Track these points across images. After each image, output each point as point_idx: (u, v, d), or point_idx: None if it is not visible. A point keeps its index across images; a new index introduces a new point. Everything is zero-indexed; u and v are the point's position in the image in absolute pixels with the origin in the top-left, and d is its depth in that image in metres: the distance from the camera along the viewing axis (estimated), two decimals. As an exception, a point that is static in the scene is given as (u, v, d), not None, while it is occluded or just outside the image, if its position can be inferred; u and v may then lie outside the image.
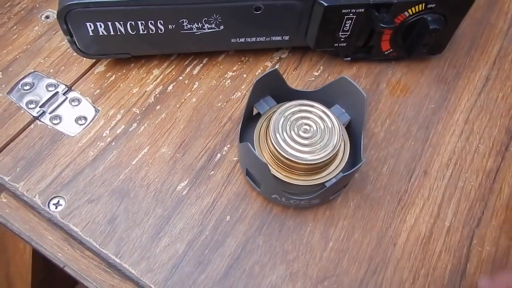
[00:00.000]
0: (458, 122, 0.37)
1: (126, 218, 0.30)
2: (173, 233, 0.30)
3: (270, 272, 0.29)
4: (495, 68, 0.40)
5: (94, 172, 0.32)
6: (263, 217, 0.31)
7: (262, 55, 0.39)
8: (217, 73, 0.38)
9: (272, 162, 0.30)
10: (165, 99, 0.36)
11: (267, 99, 0.33)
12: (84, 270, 0.29)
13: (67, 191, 0.31)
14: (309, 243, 0.30)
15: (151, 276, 0.29)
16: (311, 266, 0.30)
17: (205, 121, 0.35)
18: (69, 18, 0.31)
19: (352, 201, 0.32)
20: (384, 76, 0.39)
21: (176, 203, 0.31)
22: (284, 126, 0.29)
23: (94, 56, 0.35)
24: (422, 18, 0.34)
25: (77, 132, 0.34)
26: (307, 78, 0.38)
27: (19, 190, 0.31)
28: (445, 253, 0.31)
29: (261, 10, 0.33)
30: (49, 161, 0.32)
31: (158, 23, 0.32)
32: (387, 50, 0.37)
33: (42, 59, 0.37)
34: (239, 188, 0.32)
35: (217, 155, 0.33)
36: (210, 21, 0.33)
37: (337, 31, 0.34)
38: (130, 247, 0.29)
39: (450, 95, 0.38)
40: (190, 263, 0.29)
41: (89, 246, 0.29)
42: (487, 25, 0.42)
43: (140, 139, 0.34)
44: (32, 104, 0.35)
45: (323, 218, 0.31)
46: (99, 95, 0.36)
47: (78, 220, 0.30)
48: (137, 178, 0.32)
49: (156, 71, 0.37)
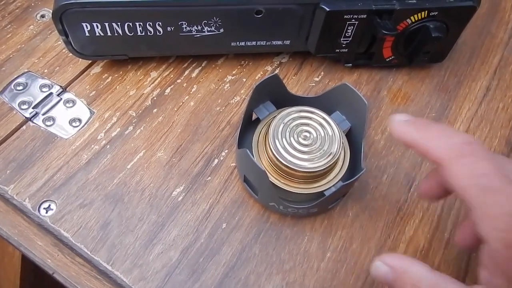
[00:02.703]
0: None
1: (119, 224, 0.30)
2: (167, 240, 0.29)
3: (265, 282, 0.29)
4: (495, 78, 0.40)
5: (87, 175, 0.31)
6: (260, 225, 0.30)
7: (262, 59, 0.38)
8: (216, 76, 0.37)
9: (270, 169, 0.30)
10: (162, 102, 0.35)
11: (267, 105, 0.32)
12: (74, 277, 0.28)
13: (59, 195, 0.30)
14: (306, 252, 0.30)
15: (143, 285, 0.28)
16: (308, 276, 0.29)
17: (203, 125, 0.34)
18: (65, 18, 0.30)
19: (351, 210, 0.32)
20: (385, 84, 0.38)
21: (171, 209, 0.30)
22: (284, 133, 0.29)
23: (90, 57, 0.34)
24: (424, 26, 0.33)
25: (71, 134, 0.33)
26: (307, 83, 0.38)
27: (8, 193, 0.30)
28: (444, 266, 0.30)
29: (262, 14, 0.32)
30: (40, 164, 0.31)
31: (157, 25, 0.32)
32: (388, 57, 0.37)
33: (36, 59, 0.36)
34: (236, 195, 0.31)
35: (215, 160, 0.33)
36: (210, 24, 0.32)
37: (338, 37, 0.34)
38: (122, 254, 0.29)
39: (451, 104, 0.38)
40: (184, 271, 0.28)
41: (80, 252, 0.29)
42: (488, 35, 0.42)
43: (136, 143, 0.33)
44: (25, 105, 0.34)
45: (321, 227, 0.31)
46: (95, 96, 0.35)
47: (70, 225, 0.29)
48: (132, 183, 0.31)
49: (153, 73, 0.37)
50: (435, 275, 0.22)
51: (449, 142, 0.22)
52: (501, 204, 0.20)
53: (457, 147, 0.22)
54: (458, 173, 0.21)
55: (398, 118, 0.25)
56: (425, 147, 0.23)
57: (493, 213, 0.20)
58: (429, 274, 0.22)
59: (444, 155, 0.22)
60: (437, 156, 0.22)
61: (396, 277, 0.23)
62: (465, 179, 0.21)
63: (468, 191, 0.21)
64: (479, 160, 0.21)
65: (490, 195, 0.20)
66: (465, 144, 0.22)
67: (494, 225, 0.20)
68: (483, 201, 0.20)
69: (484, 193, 0.20)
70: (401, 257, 0.24)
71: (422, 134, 0.23)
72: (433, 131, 0.23)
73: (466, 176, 0.21)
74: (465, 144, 0.22)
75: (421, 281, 0.22)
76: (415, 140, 0.24)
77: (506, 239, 0.19)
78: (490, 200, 0.20)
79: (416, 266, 0.23)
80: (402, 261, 0.23)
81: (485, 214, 0.20)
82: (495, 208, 0.20)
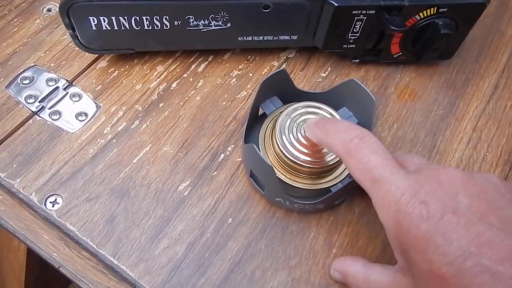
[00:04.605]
0: (466, 130, 0.36)
1: (125, 218, 0.30)
2: (173, 235, 0.29)
3: (271, 278, 0.28)
4: (504, 76, 0.39)
5: (93, 170, 0.31)
6: (266, 221, 0.30)
7: (268, 54, 0.38)
8: (222, 71, 0.37)
9: (277, 164, 0.29)
10: (168, 97, 0.35)
11: (273, 100, 0.32)
12: (80, 271, 0.28)
13: (65, 189, 0.30)
14: (312, 248, 0.30)
15: (149, 279, 0.28)
16: (314, 272, 0.29)
17: (209, 120, 0.34)
18: (72, 12, 0.30)
19: (357, 207, 0.32)
20: (392, 80, 0.38)
21: (177, 203, 0.30)
22: (290, 128, 0.29)
23: (97, 51, 0.34)
24: (433, 22, 0.33)
25: (77, 128, 0.33)
26: (314, 79, 0.37)
27: (15, 187, 0.30)
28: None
29: (269, 9, 0.32)
30: (47, 158, 0.31)
31: (164, 19, 0.32)
32: (396, 53, 0.36)
33: (42, 53, 0.36)
34: (242, 190, 0.31)
35: (221, 155, 0.33)
36: (217, 18, 0.32)
37: (346, 33, 0.34)
38: (128, 248, 0.29)
39: (459, 102, 0.37)
40: (189, 266, 0.28)
41: (86, 246, 0.29)
42: (497, 33, 0.42)
43: (142, 137, 0.33)
44: (31, 99, 0.34)
45: (327, 223, 0.31)
46: (101, 91, 0.35)
47: (76, 219, 0.29)
48: (138, 177, 0.31)
49: (160, 67, 0.37)
50: (366, 268, 0.26)
51: (344, 138, 0.24)
52: (387, 194, 0.21)
53: (350, 142, 0.23)
54: (352, 167, 0.23)
55: (309, 121, 0.26)
56: (328, 145, 0.25)
57: (383, 203, 0.22)
58: (362, 269, 0.26)
59: (342, 150, 0.24)
60: (336, 152, 0.24)
61: (344, 279, 0.27)
62: (358, 172, 0.23)
63: (362, 183, 0.23)
64: (369, 153, 0.23)
65: (379, 186, 0.22)
66: (357, 138, 0.23)
67: (385, 215, 0.22)
68: (375, 192, 0.22)
69: (374, 184, 0.22)
70: (344, 260, 0.28)
71: (324, 133, 0.25)
72: (333, 129, 0.25)
73: (358, 169, 0.23)
74: (357, 138, 0.23)
75: (357, 277, 0.26)
76: (321, 139, 0.25)
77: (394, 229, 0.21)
78: (379, 191, 0.22)
79: (353, 266, 0.26)
80: (343, 263, 0.27)
81: (377, 205, 0.22)
82: (383, 198, 0.22)
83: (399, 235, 0.21)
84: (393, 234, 0.22)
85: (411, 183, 0.21)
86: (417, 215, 0.20)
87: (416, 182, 0.21)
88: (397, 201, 0.21)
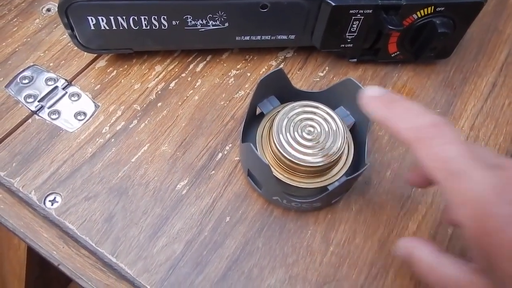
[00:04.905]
0: (463, 128, 0.36)
1: (123, 217, 0.30)
2: (171, 233, 0.29)
3: (269, 275, 0.29)
4: (502, 75, 0.39)
5: (92, 169, 0.31)
6: (264, 219, 0.31)
7: (266, 54, 0.38)
8: (220, 71, 0.37)
9: (274, 164, 0.30)
10: (167, 96, 0.35)
11: (271, 99, 0.32)
12: (79, 269, 0.28)
13: (64, 187, 0.30)
14: (310, 246, 0.30)
15: (147, 277, 0.28)
16: (311, 270, 0.29)
17: (207, 119, 0.34)
18: (71, 12, 0.30)
19: (355, 205, 0.32)
20: (390, 79, 0.38)
21: (175, 202, 0.31)
22: (288, 127, 0.29)
23: (96, 50, 0.35)
24: (430, 21, 0.33)
25: (76, 127, 0.33)
26: (311, 78, 0.37)
27: (14, 186, 0.30)
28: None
29: (267, 8, 0.32)
30: (46, 157, 0.32)
31: (162, 19, 0.32)
32: (394, 52, 0.36)
33: (42, 52, 0.36)
34: (240, 189, 0.31)
35: (219, 154, 0.33)
36: (215, 18, 0.32)
37: (344, 32, 0.34)
38: (126, 246, 0.29)
39: (456, 100, 0.37)
40: (187, 264, 0.29)
41: (85, 244, 0.29)
42: (495, 31, 0.42)
43: (140, 136, 0.33)
44: (31, 98, 0.34)
45: (324, 221, 0.31)
46: (100, 90, 0.35)
47: (75, 218, 0.29)
48: (136, 176, 0.31)
49: (158, 67, 0.37)
50: (435, 256, 0.23)
51: (416, 122, 0.21)
52: (466, 190, 0.19)
53: (424, 129, 0.21)
54: (424, 156, 0.21)
55: (369, 93, 0.23)
56: (393, 126, 0.22)
57: (461, 200, 0.20)
58: (429, 256, 0.23)
59: (411, 136, 0.21)
60: (403, 137, 0.21)
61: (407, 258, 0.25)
62: (431, 163, 0.20)
63: (436, 174, 0.20)
64: (446, 143, 0.20)
65: (456, 181, 0.20)
66: (432, 125, 0.21)
67: (463, 212, 0.20)
68: (451, 186, 0.20)
69: (451, 178, 0.20)
70: (410, 240, 0.25)
71: (390, 111, 0.22)
72: (401, 109, 0.22)
73: (432, 159, 0.20)
74: (432, 125, 0.21)
75: (421, 263, 0.24)
76: (384, 117, 0.22)
77: (475, 228, 0.19)
78: (456, 185, 0.20)
79: (418, 250, 0.24)
80: (409, 243, 0.25)
81: (454, 201, 0.20)
82: (462, 195, 0.19)
83: (480, 236, 0.19)
84: (473, 233, 0.20)
85: (495, 180, 0.19)
86: (504, 217, 0.18)
87: (501, 180, 0.19)
88: (480, 200, 0.19)
